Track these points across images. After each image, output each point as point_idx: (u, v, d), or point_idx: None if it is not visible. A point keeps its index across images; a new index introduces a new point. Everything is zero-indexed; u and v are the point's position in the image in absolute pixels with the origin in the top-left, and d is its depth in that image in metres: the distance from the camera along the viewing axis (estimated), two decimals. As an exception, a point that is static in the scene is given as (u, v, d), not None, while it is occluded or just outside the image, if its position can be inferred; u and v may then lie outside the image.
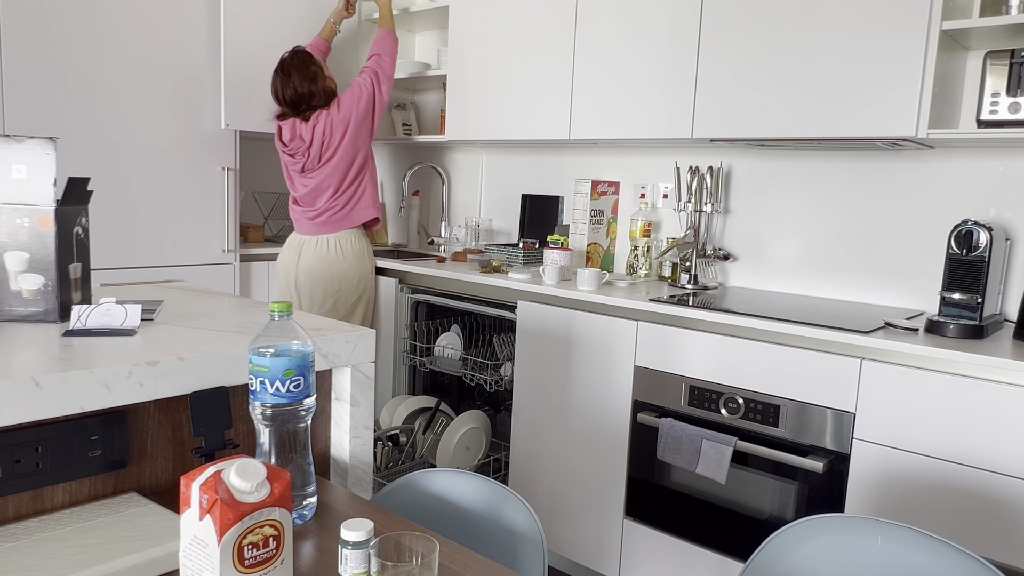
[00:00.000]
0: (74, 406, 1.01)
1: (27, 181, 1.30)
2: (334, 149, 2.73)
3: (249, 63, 3.04)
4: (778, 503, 2.00)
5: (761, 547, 1.19)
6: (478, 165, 3.43)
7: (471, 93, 2.96)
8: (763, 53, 2.18)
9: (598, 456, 2.35)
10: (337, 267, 2.80)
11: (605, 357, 2.31)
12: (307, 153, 2.73)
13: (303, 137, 2.72)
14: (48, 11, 2.54)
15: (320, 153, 2.73)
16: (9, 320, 1.31)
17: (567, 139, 2.68)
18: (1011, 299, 2.11)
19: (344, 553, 0.89)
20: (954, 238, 1.89)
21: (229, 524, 0.81)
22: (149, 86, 2.80)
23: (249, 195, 3.67)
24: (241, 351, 1.19)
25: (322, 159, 2.74)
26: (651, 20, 2.42)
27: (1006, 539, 1.66)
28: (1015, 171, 2.10)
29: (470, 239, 3.39)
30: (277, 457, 1.07)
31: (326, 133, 2.71)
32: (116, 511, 1.04)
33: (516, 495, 1.20)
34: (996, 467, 1.66)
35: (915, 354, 1.76)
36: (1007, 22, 1.83)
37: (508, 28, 2.81)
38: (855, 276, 2.39)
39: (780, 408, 1.97)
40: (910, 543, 1.10)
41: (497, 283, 2.59)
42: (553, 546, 2.50)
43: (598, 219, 2.84)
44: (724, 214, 2.66)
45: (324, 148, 2.72)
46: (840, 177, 2.40)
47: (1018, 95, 1.84)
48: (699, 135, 2.34)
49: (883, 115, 1.99)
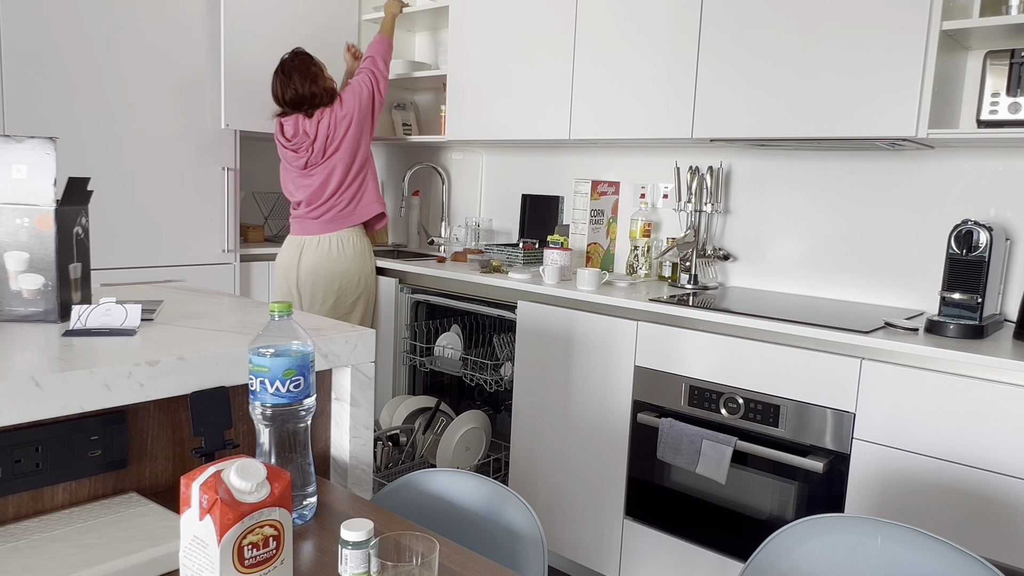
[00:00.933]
0: (74, 406, 1.01)
1: (27, 181, 1.30)
2: (338, 143, 2.74)
3: (249, 63, 3.04)
4: (778, 503, 2.00)
5: (761, 547, 1.19)
6: (478, 165, 3.43)
7: (471, 93, 2.95)
8: (763, 53, 2.18)
9: (598, 456, 2.35)
10: (338, 265, 2.80)
11: (605, 357, 2.31)
12: (311, 148, 2.74)
13: (307, 132, 2.73)
14: (48, 11, 2.54)
15: (324, 147, 2.74)
16: (9, 320, 1.31)
17: (567, 139, 2.68)
18: (1011, 299, 2.11)
19: (344, 553, 0.89)
20: (954, 238, 1.88)
21: (229, 524, 0.81)
22: (149, 86, 2.80)
23: (249, 195, 3.67)
24: (241, 351, 1.19)
25: (326, 153, 2.75)
26: (651, 20, 2.42)
27: (1006, 539, 1.66)
28: (1015, 171, 2.10)
29: (470, 239, 3.39)
30: (277, 457, 1.07)
31: (331, 128, 2.73)
32: (116, 511, 1.04)
33: (516, 495, 1.20)
34: (996, 467, 1.66)
35: (915, 354, 1.76)
36: (1007, 22, 1.83)
37: (508, 28, 2.81)
38: (855, 276, 2.39)
39: (780, 408, 1.97)
40: (910, 543, 1.10)
41: (497, 283, 2.59)
42: (553, 546, 2.50)
43: (598, 219, 2.84)
44: (724, 214, 2.66)
45: (329, 142, 2.73)
46: (840, 177, 2.40)
47: (1018, 95, 1.84)
48: (699, 135, 2.34)
49: (883, 115, 1.99)
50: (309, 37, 3.24)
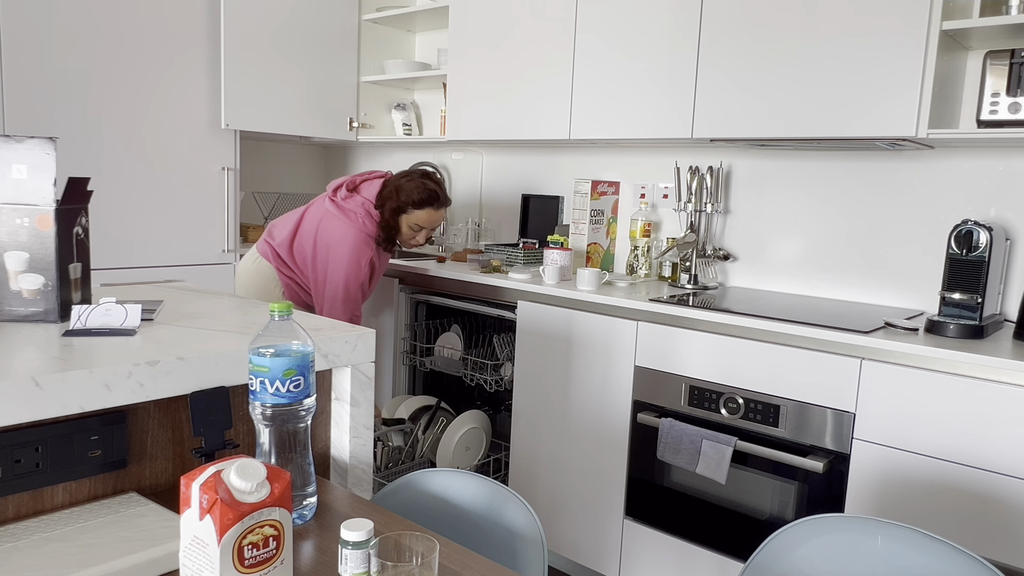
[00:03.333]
0: (74, 406, 1.01)
1: (27, 181, 1.30)
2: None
3: (249, 63, 3.04)
4: (778, 503, 2.00)
5: (761, 547, 1.19)
6: (478, 165, 3.43)
7: (471, 93, 2.95)
8: (764, 52, 2.18)
9: (598, 456, 2.35)
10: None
11: (605, 357, 2.31)
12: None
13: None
14: (48, 11, 2.54)
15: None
16: (9, 320, 1.31)
17: (567, 139, 2.68)
18: (1011, 299, 2.11)
19: (344, 553, 0.89)
20: (954, 238, 1.88)
21: (229, 524, 0.81)
22: (149, 85, 2.80)
23: (249, 195, 3.67)
24: (241, 351, 1.19)
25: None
26: (651, 19, 2.42)
27: (1006, 539, 1.66)
28: (1015, 171, 2.10)
29: (470, 239, 3.39)
30: (277, 457, 1.07)
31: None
32: (116, 511, 1.04)
33: (516, 495, 1.20)
34: (996, 467, 1.66)
35: (915, 354, 1.76)
36: (1007, 22, 1.83)
37: (508, 28, 2.81)
38: (855, 276, 2.39)
39: (780, 408, 1.97)
40: (910, 543, 1.10)
41: (497, 283, 2.59)
42: (553, 546, 2.50)
43: (598, 219, 2.84)
44: (724, 214, 2.66)
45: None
46: (840, 177, 2.40)
47: (1018, 95, 1.84)
48: (699, 135, 2.34)
49: (883, 115, 1.99)
50: (309, 35, 3.24)
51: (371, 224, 2.43)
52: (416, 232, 2.48)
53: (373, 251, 2.46)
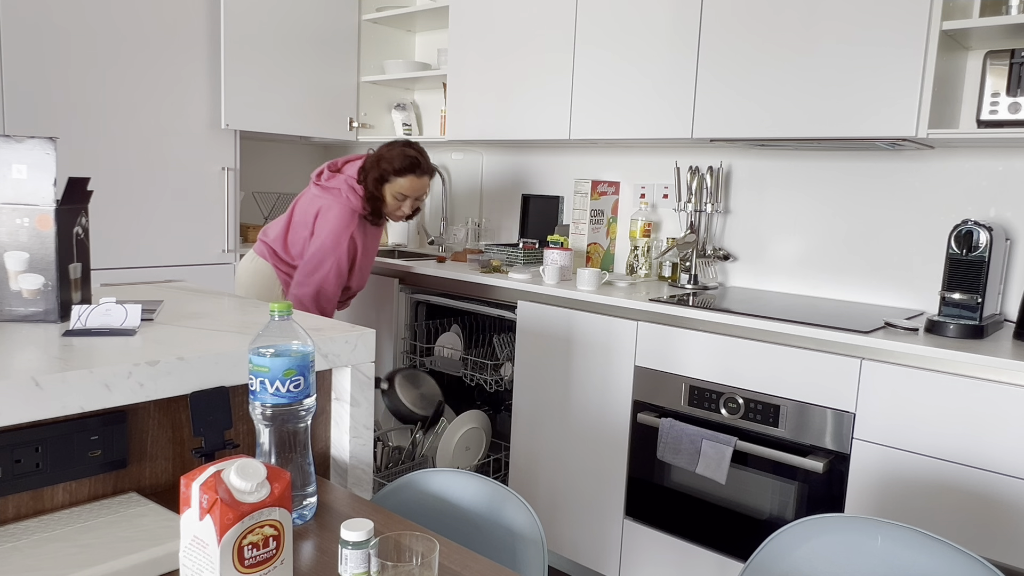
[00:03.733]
0: (74, 406, 1.01)
1: (27, 181, 1.30)
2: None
3: (249, 63, 3.04)
4: (778, 503, 2.00)
5: (761, 547, 1.19)
6: (478, 165, 3.43)
7: (471, 93, 2.95)
8: (763, 53, 2.18)
9: (598, 456, 2.35)
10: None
11: (605, 357, 2.31)
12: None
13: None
14: (48, 11, 2.54)
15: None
16: (9, 320, 1.31)
17: (567, 139, 2.68)
18: (1011, 299, 2.11)
19: (344, 553, 0.89)
20: (954, 238, 1.88)
21: (229, 524, 0.81)
22: (149, 85, 2.80)
23: (249, 195, 3.67)
24: (241, 351, 1.19)
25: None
26: (651, 20, 2.42)
27: (1006, 539, 1.66)
28: (1015, 171, 2.10)
29: (470, 239, 3.39)
30: (277, 457, 1.07)
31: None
32: (116, 511, 1.04)
33: (516, 495, 1.20)
34: (996, 467, 1.66)
35: (915, 354, 1.76)
36: (1007, 22, 1.83)
37: (508, 28, 2.81)
38: (855, 276, 2.39)
39: (780, 408, 1.97)
40: (910, 543, 1.10)
41: (497, 283, 2.59)
42: (553, 546, 2.50)
43: (598, 219, 2.84)
44: (724, 214, 2.66)
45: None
46: (840, 177, 2.40)
47: (1018, 95, 1.84)
48: (699, 135, 2.34)
49: (883, 115, 1.99)
50: (309, 37, 3.24)
51: (355, 198, 2.41)
52: (401, 202, 2.46)
53: (356, 226, 2.43)
